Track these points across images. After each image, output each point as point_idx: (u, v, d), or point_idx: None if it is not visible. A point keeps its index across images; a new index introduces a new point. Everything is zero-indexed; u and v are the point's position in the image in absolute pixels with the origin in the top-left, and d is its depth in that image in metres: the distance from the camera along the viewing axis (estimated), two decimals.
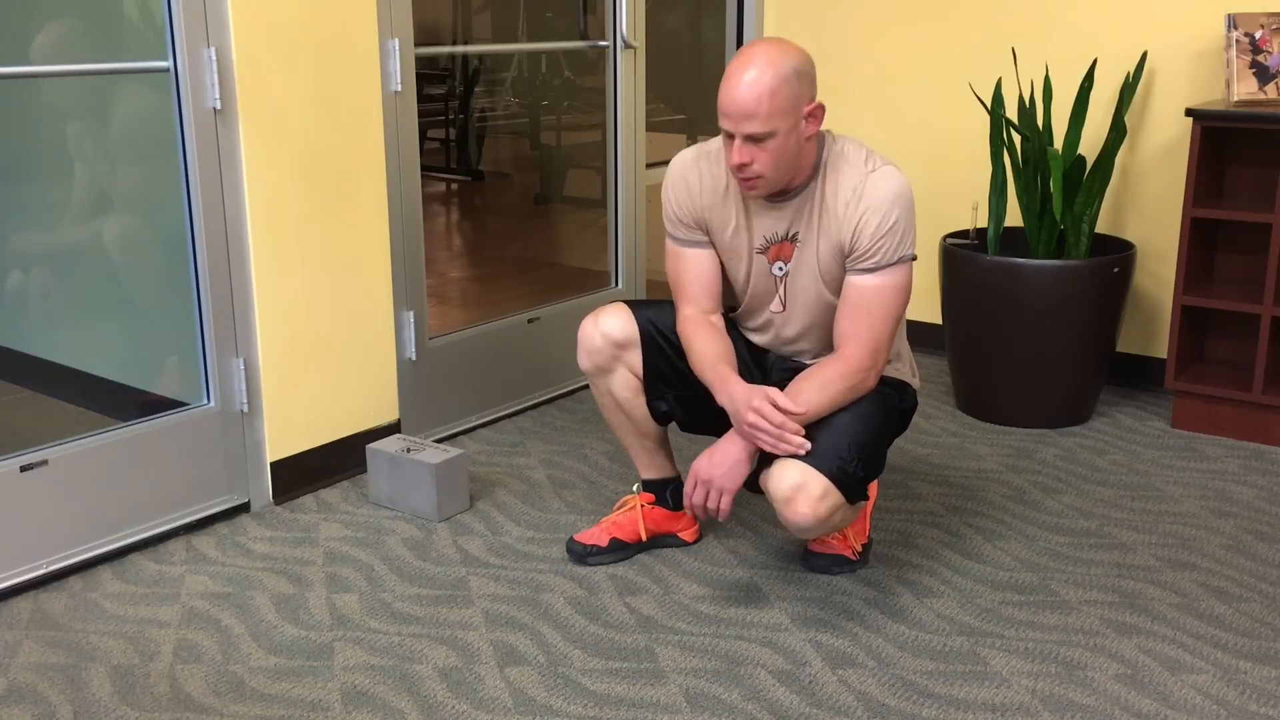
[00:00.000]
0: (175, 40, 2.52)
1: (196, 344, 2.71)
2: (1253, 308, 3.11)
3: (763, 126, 2.09)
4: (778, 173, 2.17)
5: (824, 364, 2.24)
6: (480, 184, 6.11)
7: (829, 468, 2.15)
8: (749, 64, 2.09)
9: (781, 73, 2.09)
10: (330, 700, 2.06)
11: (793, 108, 2.11)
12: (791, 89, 2.10)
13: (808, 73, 2.13)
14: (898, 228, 2.19)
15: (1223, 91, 3.31)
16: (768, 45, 2.12)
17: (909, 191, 2.21)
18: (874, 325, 2.22)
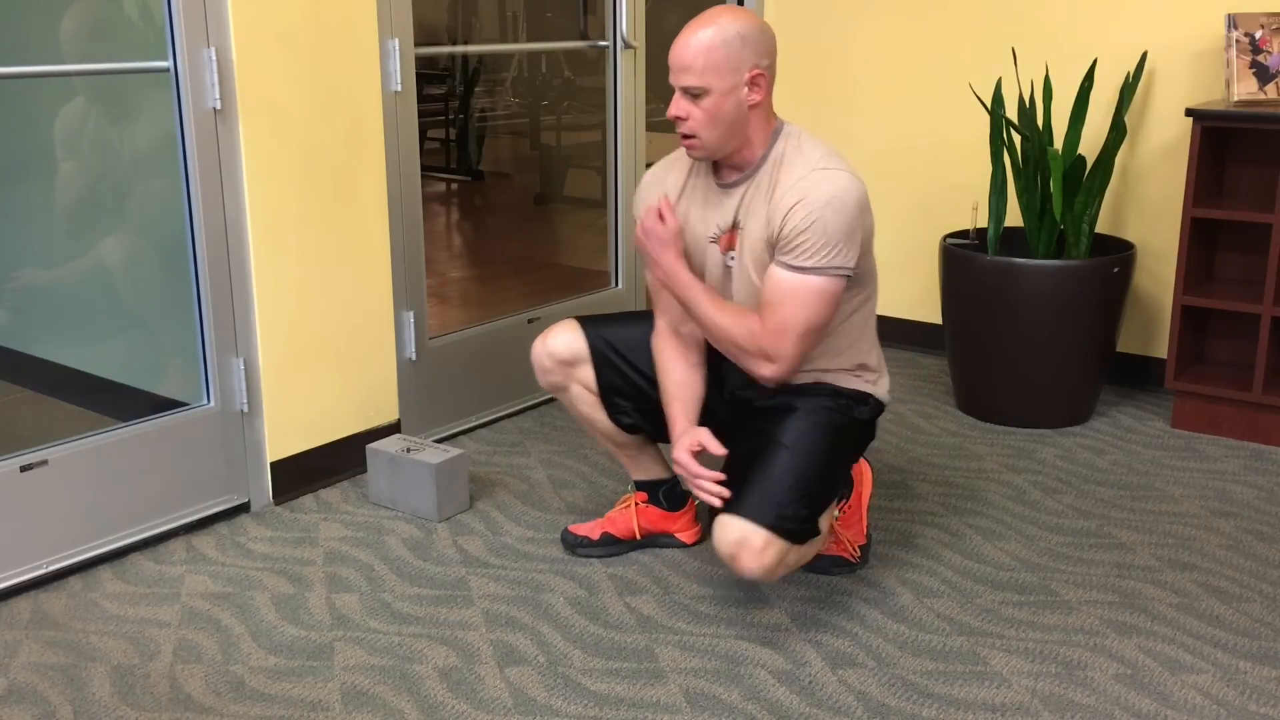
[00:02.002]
0: (175, 40, 2.52)
1: (196, 344, 2.71)
2: (1253, 308, 3.11)
3: (697, 80, 2.08)
4: (713, 135, 2.13)
5: (746, 315, 2.18)
6: (480, 184, 6.11)
7: (767, 519, 2.09)
8: (700, 22, 2.10)
9: (725, 33, 2.08)
10: (330, 700, 2.06)
11: (731, 68, 2.09)
12: (732, 49, 2.08)
13: (756, 39, 2.10)
14: (825, 230, 2.08)
15: (1223, 91, 3.31)
16: (722, 9, 2.12)
17: (855, 202, 2.11)
18: (781, 319, 2.13)
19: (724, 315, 2.18)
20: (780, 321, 2.13)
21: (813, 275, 2.11)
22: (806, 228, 2.09)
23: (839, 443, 2.28)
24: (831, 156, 2.17)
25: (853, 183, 2.13)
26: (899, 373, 3.84)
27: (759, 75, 2.12)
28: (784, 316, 2.12)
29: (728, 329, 2.18)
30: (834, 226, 2.09)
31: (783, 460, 2.16)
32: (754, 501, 2.11)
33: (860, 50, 3.97)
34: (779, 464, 2.15)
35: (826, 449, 2.22)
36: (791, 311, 2.12)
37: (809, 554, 2.25)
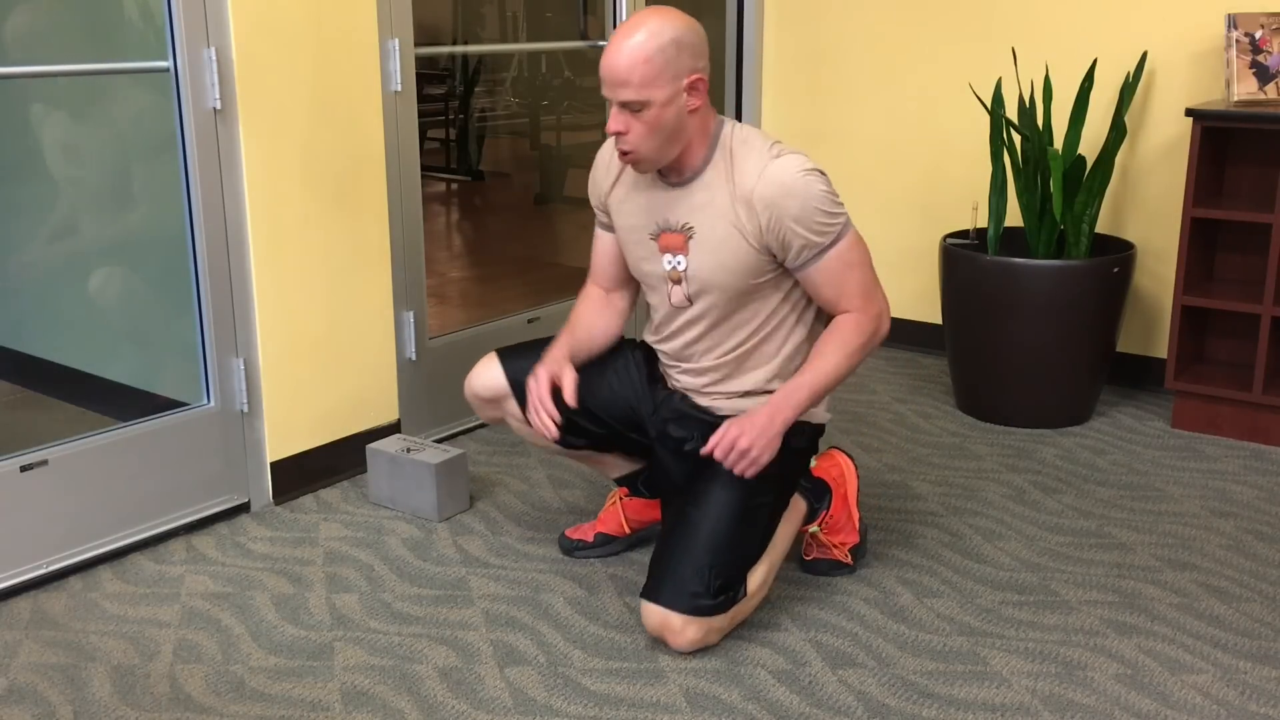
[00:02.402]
0: (175, 40, 2.52)
1: (196, 344, 2.71)
2: (1253, 308, 3.11)
3: (636, 94, 2.03)
4: (653, 146, 2.09)
5: (838, 325, 2.20)
6: (480, 184, 6.11)
7: (680, 606, 2.14)
8: (628, 30, 2.03)
9: (659, 40, 2.02)
10: (330, 700, 2.06)
11: (670, 77, 2.03)
12: (668, 57, 2.02)
13: (691, 42, 2.05)
14: (819, 202, 2.10)
15: (1223, 91, 3.31)
16: (651, 12, 2.05)
17: (816, 171, 2.12)
18: (854, 283, 2.18)
19: (840, 354, 2.18)
20: (861, 294, 2.18)
21: (840, 242, 2.15)
22: (807, 212, 2.10)
23: (761, 496, 2.22)
24: (774, 142, 2.16)
25: (802, 157, 2.14)
26: (899, 373, 3.84)
27: (698, 80, 2.07)
28: (853, 278, 2.17)
29: (851, 356, 2.18)
30: (820, 194, 2.10)
31: (695, 539, 2.17)
32: (667, 588, 2.16)
33: (860, 50, 3.97)
34: (691, 544, 2.16)
35: (743, 513, 2.19)
36: (855, 273, 2.17)
37: (746, 613, 2.26)
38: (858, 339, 2.17)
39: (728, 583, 2.17)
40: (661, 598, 2.16)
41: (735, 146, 2.15)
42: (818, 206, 2.10)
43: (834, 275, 2.16)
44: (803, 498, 2.45)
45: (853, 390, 3.67)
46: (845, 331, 2.18)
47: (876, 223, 4.07)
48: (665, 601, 2.15)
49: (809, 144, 4.15)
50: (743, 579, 2.22)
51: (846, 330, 2.18)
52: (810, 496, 2.47)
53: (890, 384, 3.73)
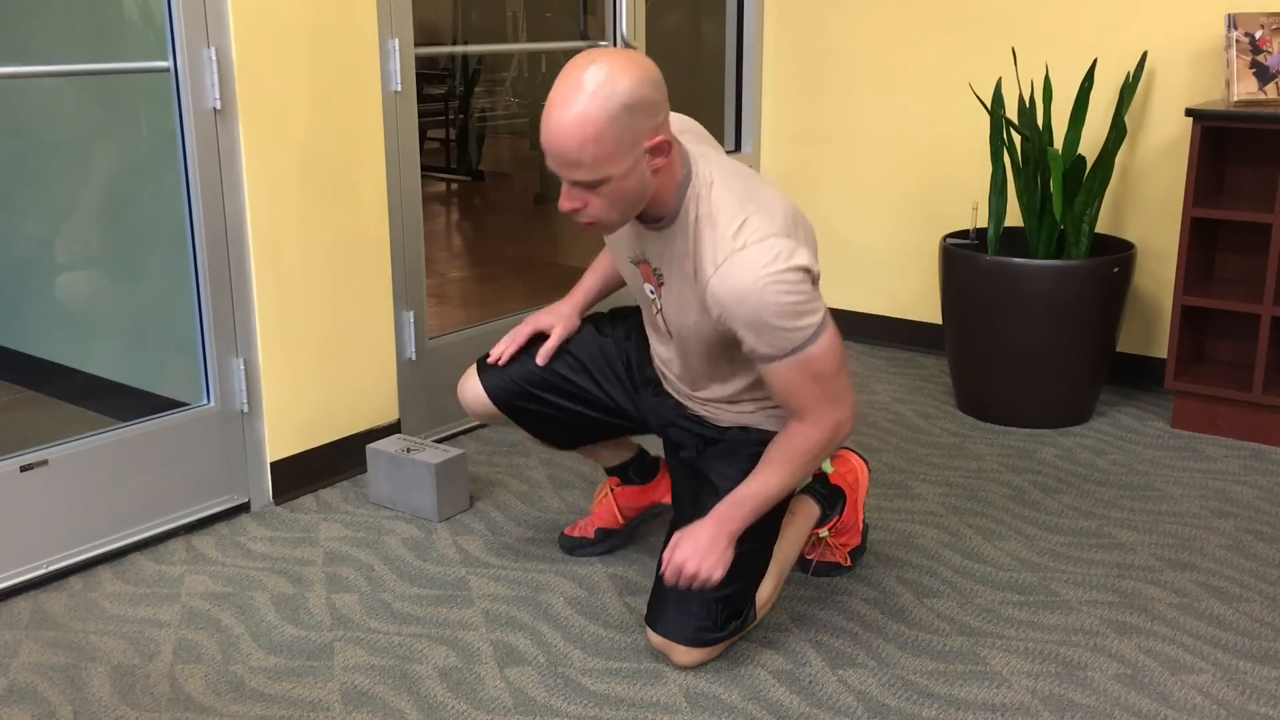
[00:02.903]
0: (175, 40, 2.52)
1: (196, 344, 2.71)
2: (1253, 308, 3.11)
3: (591, 175, 1.77)
4: (617, 215, 1.86)
5: (789, 436, 2.00)
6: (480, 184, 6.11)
7: (687, 639, 2.11)
8: (571, 97, 1.72)
9: (609, 109, 1.72)
10: (330, 700, 2.06)
11: (628, 147, 1.76)
12: (622, 126, 1.73)
13: (646, 99, 1.75)
14: (777, 327, 1.85)
15: (1223, 91, 3.31)
16: (595, 70, 1.73)
17: (787, 264, 1.83)
18: (819, 395, 1.93)
19: (789, 468, 2.00)
20: (818, 405, 1.95)
21: (800, 352, 1.89)
22: (760, 323, 1.85)
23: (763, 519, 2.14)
24: (744, 219, 1.86)
25: (773, 246, 1.84)
26: (899, 373, 3.84)
27: (660, 142, 1.80)
28: (812, 390, 1.92)
29: (801, 468, 2.02)
30: (779, 305, 1.84)
31: None
32: (673, 621, 2.12)
33: (860, 50, 3.97)
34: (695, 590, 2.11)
35: (751, 544, 2.13)
36: (814, 384, 1.92)
37: (753, 619, 2.23)
38: (808, 452, 1.99)
39: (735, 612, 2.15)
40: (669, 631, 2.13)
41: (701, 215, 1.90)
42: (772, 322, 1.85)
43: (788, 384, 1.93)
44: (816, 503, 2.42)
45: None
46: (795, 443, 1.99)
47: (876, 223, 4.07)
48: (672, 636, 2.13)
49: (809, 144, 4.15)
50: (750, 601, 2.18)
51: (796, 442, 1.99)
52: (824, 502, 2.43)
53: (890, 384, 3.73)
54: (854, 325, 4.20)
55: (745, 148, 4.26)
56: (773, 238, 1.85)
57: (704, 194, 1.89)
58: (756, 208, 1.89)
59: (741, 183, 1.93)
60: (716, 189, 1.90)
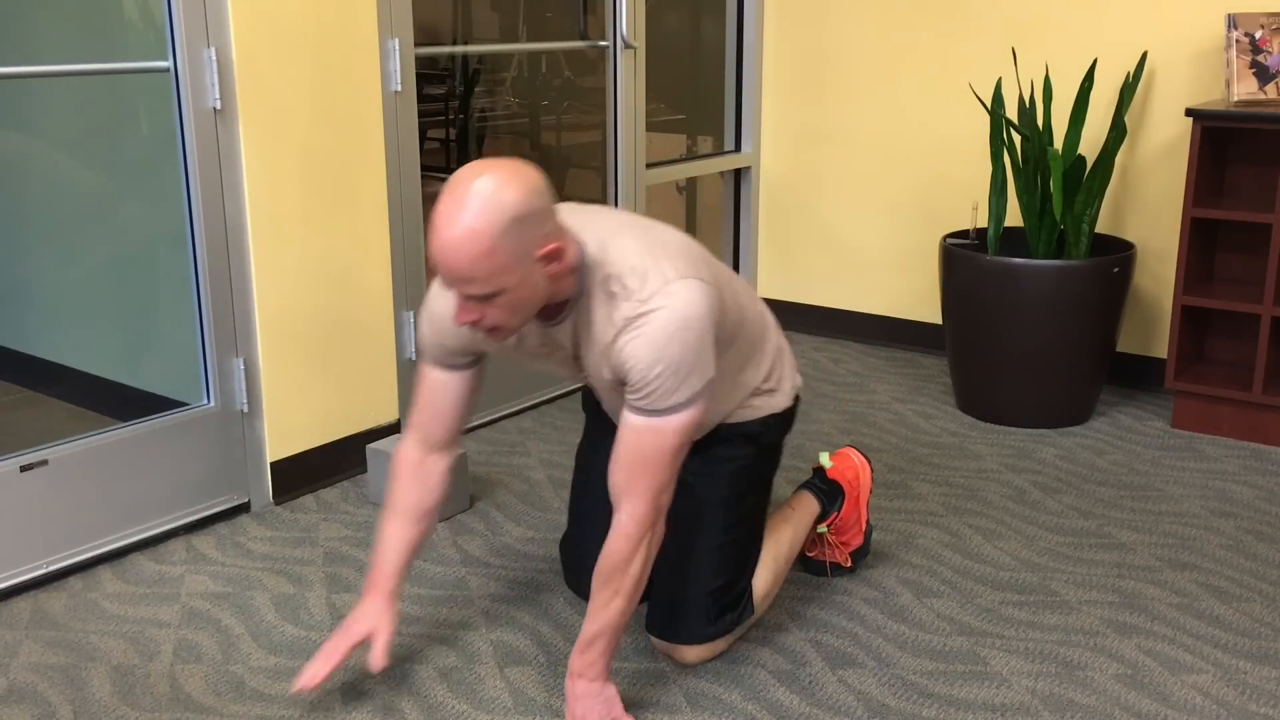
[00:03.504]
0: (175, 40, 2.52)
1: (196, 344, 2.71)
2: (1253, 308, 3.11)
3: (484, 289, 1.74)
4: (518, 320, 1.82)
5: (605, 562, 1.92)
6: None
7: (687, 640, 2.15)
8: (458, 214, 1.69)
9: (497, 224, 1.68)
10: (330, 700, 2.06)
11: (520, 259, 1.72)
12: (513, 241, 1.70)
13: (534, 209, 1.72)
14: (678, 372, 1.83)
15: (1223, 91, 3.31)
16: (481, 185, 1.70)
17: (698, 323, 1.83)
18: (658, 470, 1.88)
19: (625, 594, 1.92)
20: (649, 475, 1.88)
21: (671, 414, 1.86)
22: (655, 375, 1.83)
23: (744, 507, 2.19)
24: (651, 279, 1.84)
25: (687, 299, 1.83)
26: (899, 373, 3.84)
27: (553, 249, 1.76)
28: (653, 466, 1.88)
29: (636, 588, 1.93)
30: (682, 362, 1.83)
31: (691, 571, 2.14)
32: (671, 625, 2.16)
33: (860, 50, 3.97)
34: (689, 576, 2.14)
35: (733, 534, 2.16)
36: (658, 459, 1.87)
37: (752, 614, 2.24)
38: (627, 561, 1.90)
39: (731, 603, 2.17)
40: (667, 633, 2.17)
41: (601, 288, 1.87)
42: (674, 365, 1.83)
43: (639, 447, 1.88)
44: (815, 499, 2.43)
45: (853, 390, 3.67)
46: (614, 553, 1.91)
47: (876, 223, 4.07)
48: (671, 637, 2.16)
49: (809, 144, 4.15)
50: (745, 592, 2.19)
51: (615, 549, 1.90)
52: (824, 498, 2.44)
53: (890, 384, 3.73)
54: (854, 325, 4.20)
55: (745, 148, 4.26)
56: (680, 281, 1.84)
57: (601, 263, 1.87)
58: (654, 256, 1.87)
59: (636, 231, 1.92)
60: (612, 249, 1.88)
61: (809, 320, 4.29)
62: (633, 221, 1.96)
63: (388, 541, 2.10)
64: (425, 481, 2.11)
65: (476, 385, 2.09)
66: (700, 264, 1.92)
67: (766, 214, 4.33)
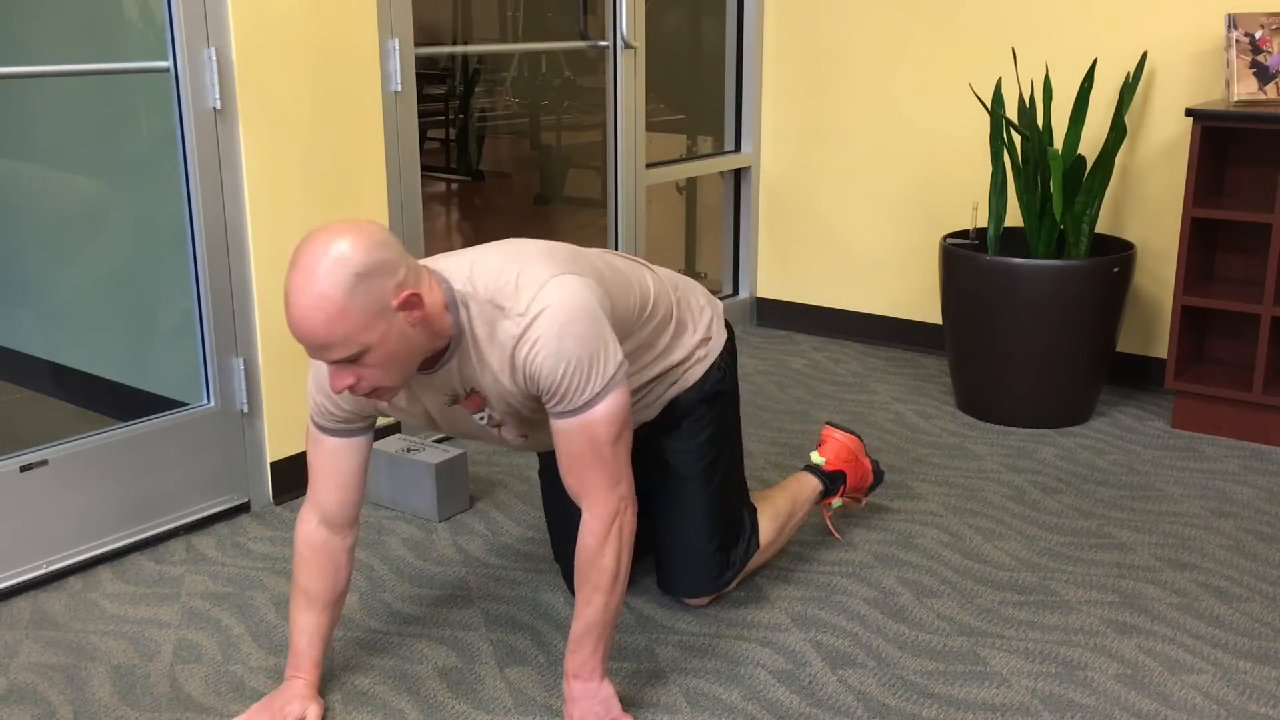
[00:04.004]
0: (175, 40, 2.52)
1: (196, 344, 2.71)
2: (1253, 308, 3.11)
3: (347, 350, 1.71)
4: (399, 373, 1.79)
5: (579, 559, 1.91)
6: (480, 184, 6.11)
7: (697, 593, 2.35)
8: (304, 283, 1.67)
9: (343, 284, 1.66)
10: (330, 700, 2.06)
11: (375, 313, 1.70)
12: (362, 298, 1.68)
13: (378, 265, 1.69)
14: (581, 365, 1.82)
15: (1223, 91, 3.31)
16: (321, 248, 1.68)
17: (581, 311, 1.83)
18: (602, 464, 1.88)
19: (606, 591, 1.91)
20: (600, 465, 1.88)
21: (595, 404, 1.85)
22: (565, 374, 1.82)
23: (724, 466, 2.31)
24: (524, 287, 1.84)
25: (565, 294, 1.83)
26: (899, 373, 3.84)
27: (409, 296, 1.73)
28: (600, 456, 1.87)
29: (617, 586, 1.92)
30: (585, 353, 1.82)
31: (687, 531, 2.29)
32: (681, 583, 2.34)
33: (860, 50, 3.97)
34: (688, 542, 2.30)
35: (719, 491, 2.30)
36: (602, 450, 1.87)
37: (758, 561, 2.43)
38: (598, 552, 1.89)
39: (732, 552, 2.34)
40: (682, 591, 2.35)
41: (478, 317, 1.86)
42: (578, 364, 1.83)
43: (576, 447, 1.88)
44: (818, 479, 2.57)
45: (853, 390, 3.67)
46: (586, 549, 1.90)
47: (876, 223, 4.07)
48: (683, 593, 2.35)
49: (809, 144, 4.15)
50: (740, 535, 2.36)
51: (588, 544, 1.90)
52: (826, 480, 2.58)
53: (890, 384, 3.73)
54: (854, 325, 4.20)
55: (745, 148, 4.26)
56: (552, 280, 1.84)
57: (471, 294, 1.85)
58: (523, 262, 1.88)
59: (498, 251, 1.92)
60: (479, 277, 1.86)
61: (809, 320, 4.29)
62: (495, 245, 1.97)
63: (304, 631, 2.03)
64: (333, 564, 2.03)
65: (369, 453, 2.03)
66: (568, 261, 1.92)
67: (766, 214, 4.33)
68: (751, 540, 2.36)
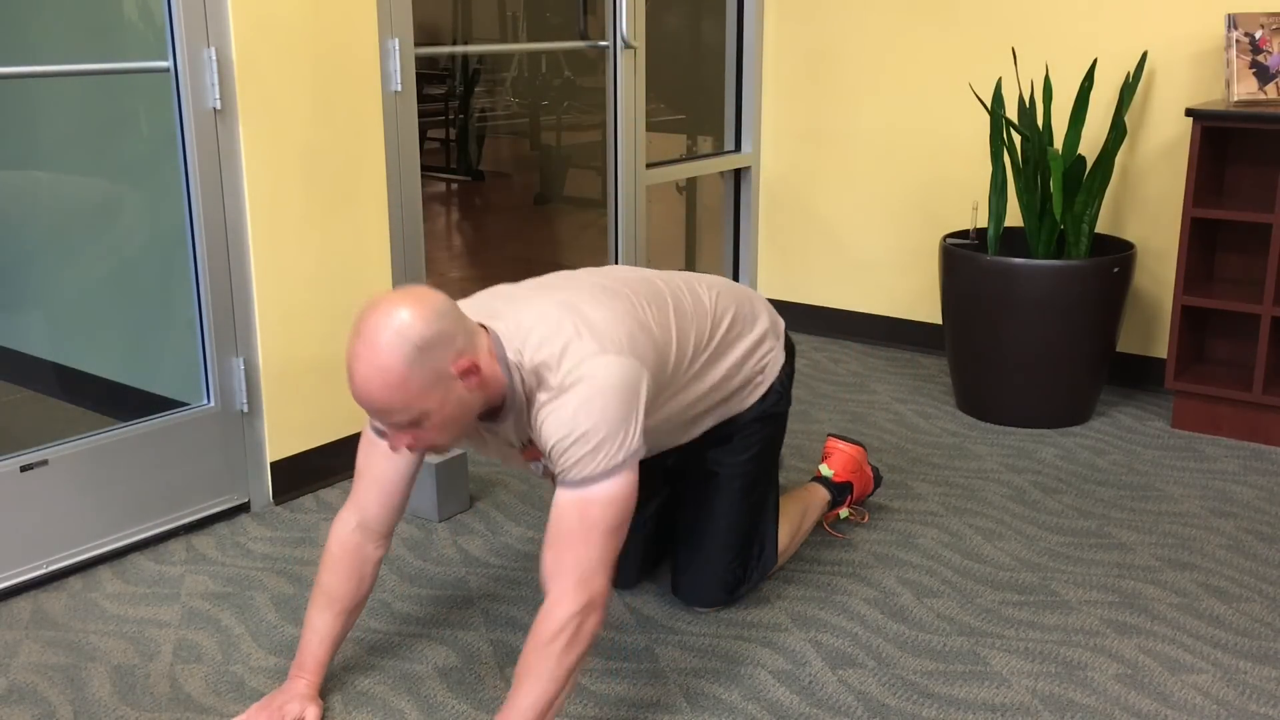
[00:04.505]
0: (175, 40, 2.52)
1: (196, 344, 2.71)
2: (1253, 308, 3.11)
3: (407, 416, 1.76)
4: (453, 434, 1.83)
5: (529, 641, 1.81)
6: (480, 184, 6.11)
7: (709, 603, 2.34)
8: (366, 352, 1.71)
9: (402, 354, 1.70)
10: (330, 700, 2.06)
11: (434, 382, 1.74)
12: (422, 367, 1.72)
13: (438, 333, 1.74)
14: (588, 439, 1.81)
15: (1223, 91, 3.31)
16: (382, 321, 1.72)
17: (614, 393, 1.83)
18: (585, 548, 1.82)
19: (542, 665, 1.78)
20: (578, 554, 1.82)
21: (593, 485, 1.83)
22: (569, 444, 1.82)
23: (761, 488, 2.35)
24: (565, 360, 1.85)
25: (600, 373, 1.84)
26: (899, 373, 3.84)
27: (466, 365, 1.77)
28: (580, 543, 1.83)
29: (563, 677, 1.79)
30: (594, 431, 1.82)
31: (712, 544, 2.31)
32: (696, 591, 2.34)
33: (860, 50, 3.97)
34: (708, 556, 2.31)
35: (748, 506, 2.32)
36: (585, 536, 1.83)
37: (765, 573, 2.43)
38: (566, 656, 1.79)
39: (749, 567, 2.34)
40: (690, 598, 2.34)
41: (529, 379, 1.88)
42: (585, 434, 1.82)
43: (563, 524, 1.84)
44: (828, 490, 2.62)
45: (853, 390, 3.67)
46: (541, 635, 1.79)
47: (876, 223, 4.07)
48: (694, 602, 2.35)
49: (809, 144, 4.15)
50: (760, 552, 2.36)
51: (541, 631, 1.79)
52: (834, 491, 2.62)
53: (890, 384, 3.73)
54: (854, 325, 4.20)
55: (745, 148, 4.26)
56: (591, 360, 1.85)
57: (519, 359, 1.87)
58: (574, 330, 1.88)
59: (557, 306, 1.92)
60: (531, 338, 1.88)
61: (809, 320, 4.29)
62: (554, 294, 1.95)
63: (316, 631, 2.03)
64: (359, 571, 2.03)
65: (420, 465, 2.05)
66: (621, 328, 1.91)
67: (766, 214, 4.33)
68: (769, 557, 2.38)
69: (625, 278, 2.07)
